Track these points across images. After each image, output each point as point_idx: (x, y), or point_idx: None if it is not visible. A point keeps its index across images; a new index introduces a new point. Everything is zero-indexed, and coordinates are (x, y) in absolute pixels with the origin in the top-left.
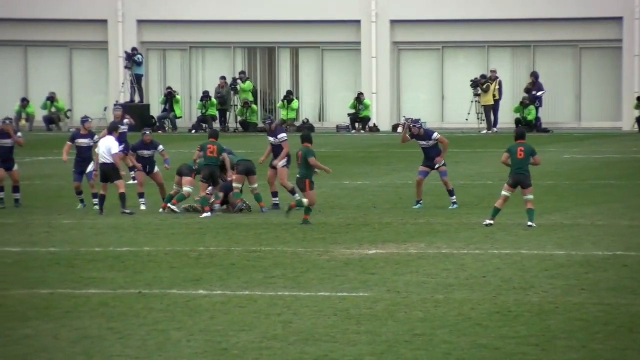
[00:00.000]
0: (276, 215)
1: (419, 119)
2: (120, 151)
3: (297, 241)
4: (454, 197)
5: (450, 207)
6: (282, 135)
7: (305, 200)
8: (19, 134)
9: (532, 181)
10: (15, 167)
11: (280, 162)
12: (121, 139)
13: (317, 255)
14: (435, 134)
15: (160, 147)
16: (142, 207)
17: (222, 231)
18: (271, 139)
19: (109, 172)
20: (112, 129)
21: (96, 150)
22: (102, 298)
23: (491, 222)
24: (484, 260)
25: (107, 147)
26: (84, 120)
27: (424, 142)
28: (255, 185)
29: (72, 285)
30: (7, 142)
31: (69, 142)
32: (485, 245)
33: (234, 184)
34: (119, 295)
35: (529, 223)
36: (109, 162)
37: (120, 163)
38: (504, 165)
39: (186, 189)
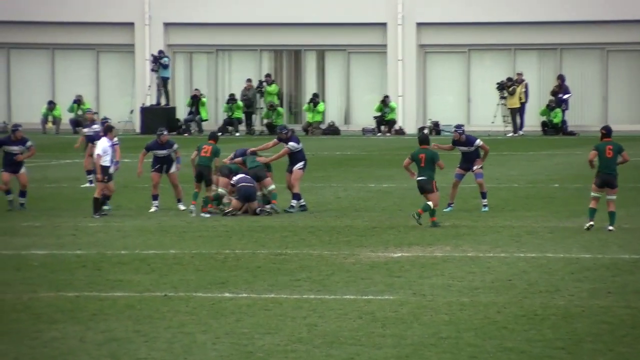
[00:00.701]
0: (302, 218)
1: (462, 125)
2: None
3: (322, 244)
4: (486, 200)
5: (482, 209)
6: (291, 144)
7: (431, 204)
8: (29, 142)
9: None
10: (23, 170)
11: (298, 165)
12: (90, 141)
13: (342, 259)
14: (477, 141)
15: (175, 145)
16: (153, 209)
17: (248, 234)
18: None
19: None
20: (106, 131)
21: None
22: (128, 301)
23: (592, 223)
24: (510, 264)
25: (97, 149)
26: (104, 121)
27: (464, 148)
28: (272, 187)
29: (99, 288)
30: (15, 149)
31: (90, 144)
32: (511, 248)
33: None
34: (145, 298)
35: (610, 227)
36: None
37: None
38: (589, 164)
39: (221, 191)
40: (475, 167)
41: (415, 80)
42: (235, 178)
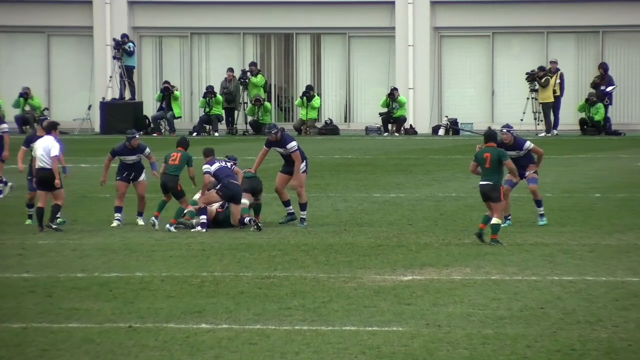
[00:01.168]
0: (293, 235)
1: (511, 126)
2: None
3: (318, 265)
4: (542, 208)
5: (539, 222)
6: (292, 144)
7: (498, 221)
8: None
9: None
10: None
11: (300, 167)
12: None
13: (342, 282)
14: (527, 144)
15: (147, 150)
16: (115, 223)
17: (230, 253)
18: (280, 149)
19: (48, 180)
20: (50, 128)
21: (33, 153)
22: (85, 333)
23: None
24: (542, 289)
25: (47, 149)
26: (42, 119)
27: (513, 153)
28: (245, 202)
29: (50, 318)
30: None
31: (23, 147)
32: (543, 270)
33: (244, 200)
34: (106, 329)
35: None
36: (48, 167)
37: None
38: None
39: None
40: (528, 172)
41: (428, 70)
42: (213, 167)
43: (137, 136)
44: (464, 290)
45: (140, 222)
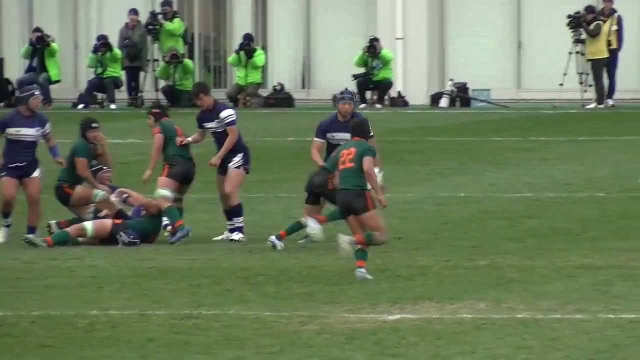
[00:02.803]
0: (228, 255)
1: None
2: None
3: (263, 299)
4: None
5: None
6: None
7: None
8: None
9: None
10: None
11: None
12: None
13: (298, 324)
14: None
15: (48, 125)
16: (1, 232)
17: (133, 282)
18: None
19: None
20: None
21: None
22: None
23: None
24: (592, 332)
25: None
26: None
27: None
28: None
29: None
30: None
31: None
32: (593, 304)
33: (164, 191)
34: None
35: None
36: None
37: None
38: None
39: (163, 192)
40: None
41: (425, 13)
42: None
43: (37, 93)
44: (477, 334)
45: (34, 239)
